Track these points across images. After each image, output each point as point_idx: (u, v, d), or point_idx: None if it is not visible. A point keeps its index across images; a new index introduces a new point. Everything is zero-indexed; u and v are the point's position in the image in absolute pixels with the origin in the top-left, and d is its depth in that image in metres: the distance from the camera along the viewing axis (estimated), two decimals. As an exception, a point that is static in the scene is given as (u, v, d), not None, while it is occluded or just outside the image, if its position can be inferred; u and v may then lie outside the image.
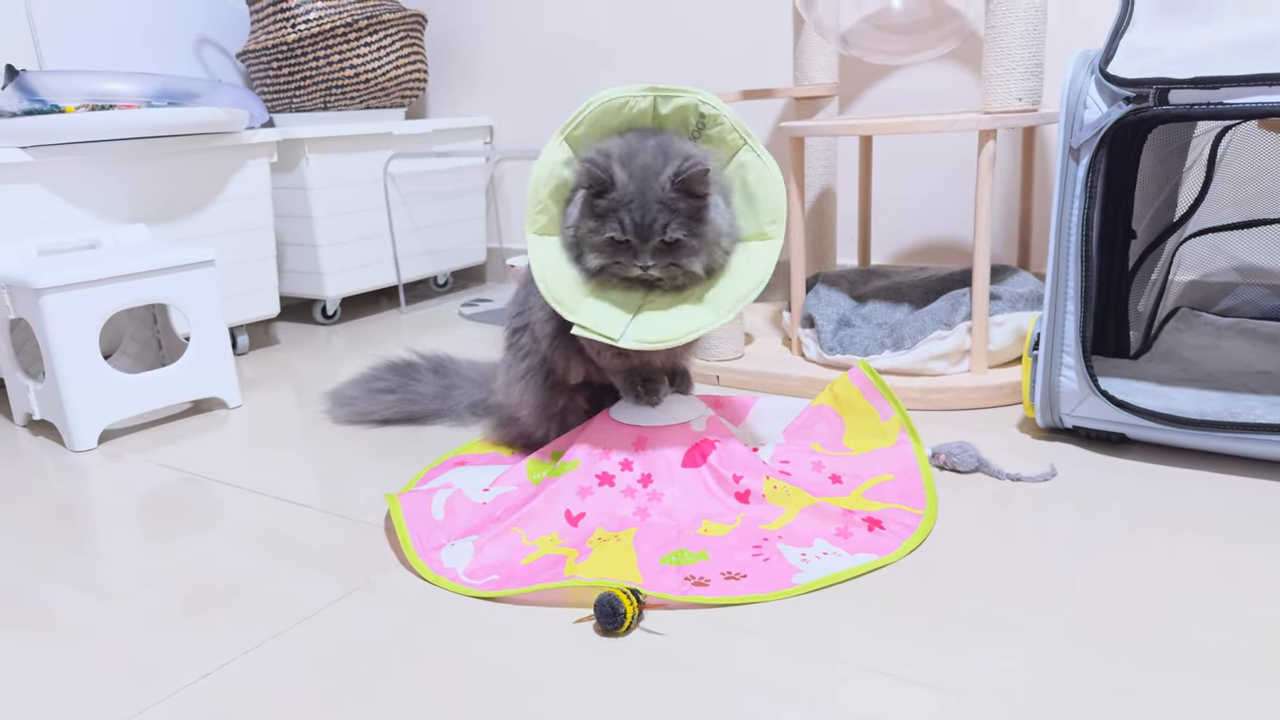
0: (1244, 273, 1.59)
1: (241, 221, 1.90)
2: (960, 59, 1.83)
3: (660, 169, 1.01)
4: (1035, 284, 1.52)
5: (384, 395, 1.44)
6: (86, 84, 1.63)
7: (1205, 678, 0.75)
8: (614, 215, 1.01)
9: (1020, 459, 1.20)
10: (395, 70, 2.24)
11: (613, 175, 1.01)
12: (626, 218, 1.01)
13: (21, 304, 1.44)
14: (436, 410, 1.42)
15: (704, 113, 1.07)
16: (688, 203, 1.02)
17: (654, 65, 2.20)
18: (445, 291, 2.54)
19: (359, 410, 1.45)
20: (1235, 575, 0.90)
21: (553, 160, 1.07)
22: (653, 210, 1.01)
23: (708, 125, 1.07)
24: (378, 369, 1.48)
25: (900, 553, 0.97)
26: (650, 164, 1.02)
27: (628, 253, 1.03)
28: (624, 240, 1.02)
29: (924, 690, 0.75)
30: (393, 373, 1.46)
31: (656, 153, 1.03)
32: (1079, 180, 1.15)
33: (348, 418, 1.47)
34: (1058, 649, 0.80)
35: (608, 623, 0.85)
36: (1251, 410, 1.15)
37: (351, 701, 0.78)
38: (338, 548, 1.06)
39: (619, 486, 1.08)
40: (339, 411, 1.48)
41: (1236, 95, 1.04)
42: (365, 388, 1.46)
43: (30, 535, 1.15)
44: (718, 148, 1.08)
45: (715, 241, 1.04)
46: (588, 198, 1.04)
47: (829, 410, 1.25)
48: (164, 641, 0.89)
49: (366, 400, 1.45)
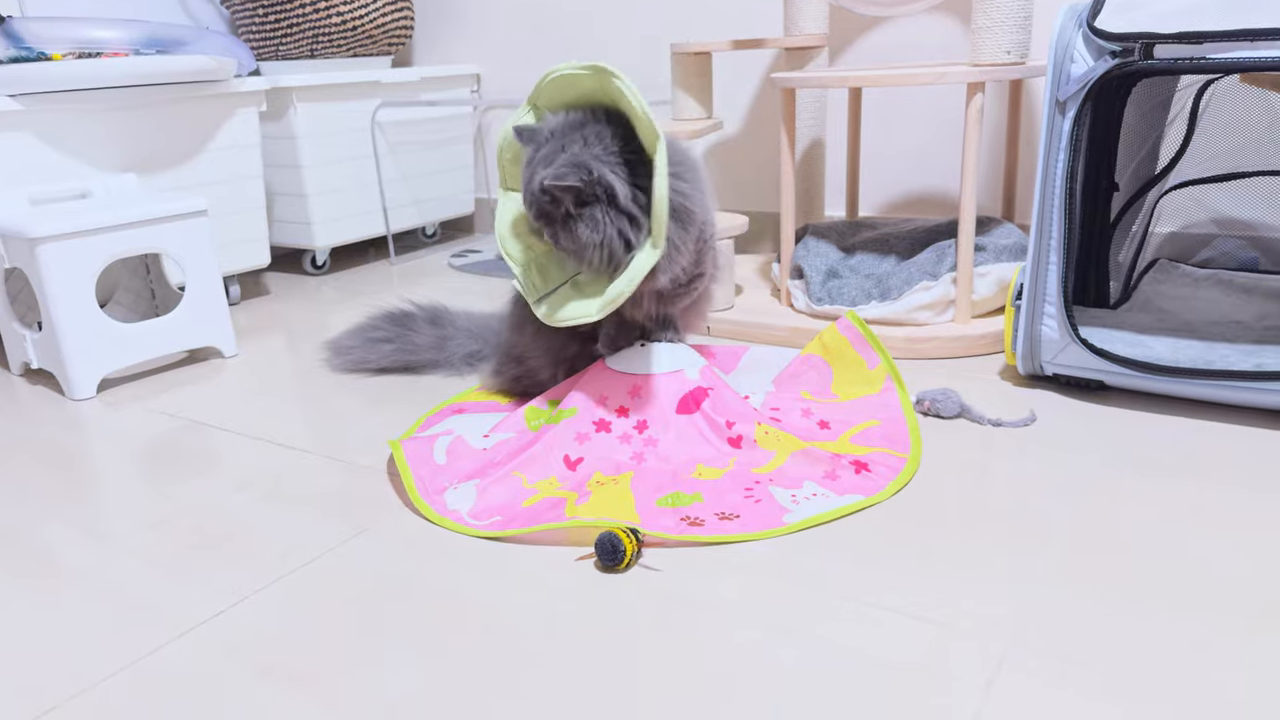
0: (1222, 225, 1.62)
1: (231, 171, 1.89)
2: (949, 10, 1.84)
3: (541, 169, 1.06)
4: (1019, 235, 1.55)
5: (381, 345, 1.46)
6: (74, 31, 1.61)
7: (1177, 613, 0.79)
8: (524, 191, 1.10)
9: (1002, 405, 1.24)
10: (382, 17, 2.22)
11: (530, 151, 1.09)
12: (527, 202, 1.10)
13: (16, 254, 1.44)
14: (433, 360, 1.45)
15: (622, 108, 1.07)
16: (557, 206, 1.07)
17: (643, 14, 2.19)
18: (434, 242, 2.54)
19: (357, 359, 1.48)
20: (1207, 516, 0.94)
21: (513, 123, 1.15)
22: (529, 201, 1.09)
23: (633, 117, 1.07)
24: (375, 319, 1.50)
25: (886, 493, 1.01)
26: (541, 160, 1.07)
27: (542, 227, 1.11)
28: None
29: (910, 621, 0.80)
30: (390, 322, 1.48)
31: (557, 148, 1.07)
32: (1065, 133, 1.17)
33: (346, 366, 1.49)
34: (1038, 585, 0.84)
35: (608, 560, 0.89)
36: (1225, 358, 1.20)
37: (364, 637, 0.82)
38: (340, 492, 1.09)
39: (615, 432, 1.11)
40: (337, 360, 1.50)
41: (1220, 50, 1.07)
42: (363, 337, 1.48)
43: (33, 482, 1.18)
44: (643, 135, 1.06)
45: (585, 248, 1.07)
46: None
47: (818, 359, 1.28)
48: (173, 583, 0.92)
49: (364, 349, 1.47)
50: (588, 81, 1.09)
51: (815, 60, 1.81)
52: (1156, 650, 0.74)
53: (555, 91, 1.13)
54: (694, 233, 1.11)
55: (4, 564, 0.98)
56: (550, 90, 1.13)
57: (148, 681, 0.77)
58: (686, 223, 1.09)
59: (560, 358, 1.25)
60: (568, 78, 1.10)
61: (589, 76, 1.08)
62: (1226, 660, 0.73)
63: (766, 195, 2.15)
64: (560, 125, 1.09)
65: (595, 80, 1.08)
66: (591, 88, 1.10)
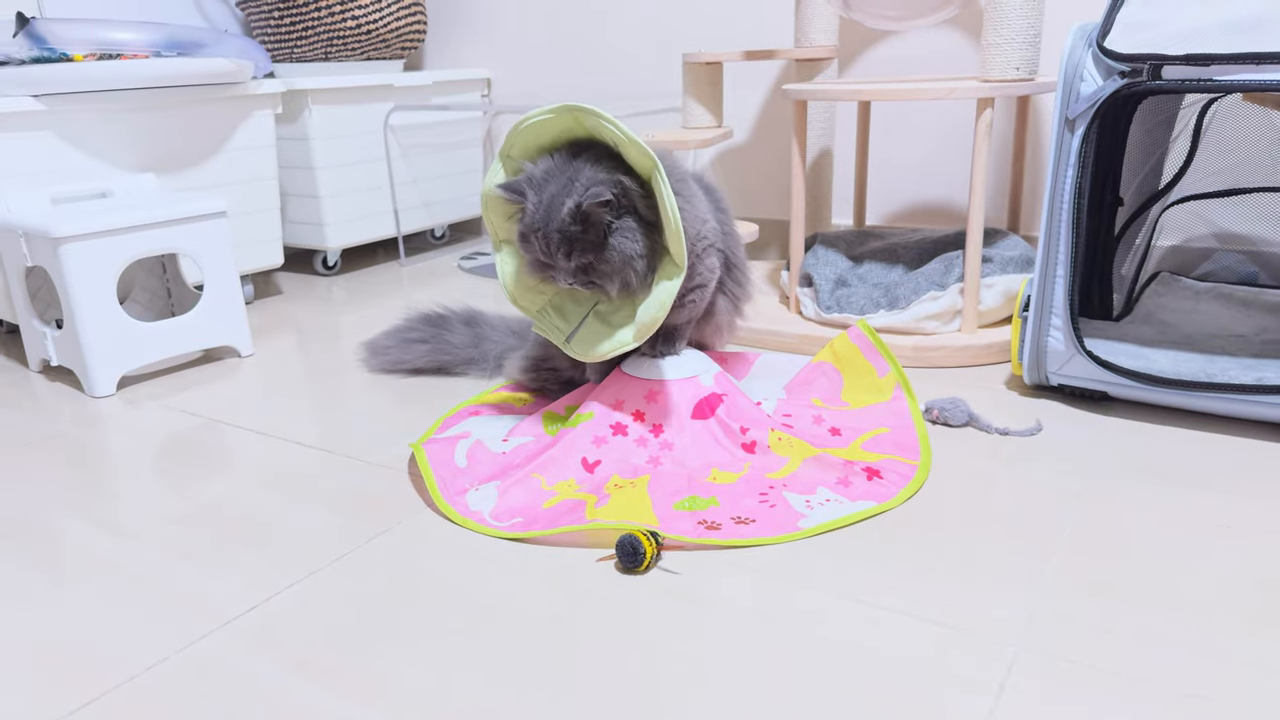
0: (1222, 239, 1.65)
1: (247, 172, 1.92)
2: (956, 24, 1.87)
3: (565, 198, 1.05)
4: (1025, 247, 1.58)
5: (417, 345, 1.49)
6: (95, 33, 1.64)
7: (1178, 617, 0.82)
8: (533, 239, 1.08)
9: (1008, 414, 1.27)
10: (395, 21, 2.25)
11: (526, 201, 1.08)
12: (538, 242, 1.08)
13: (39, 252, 1.47)
14: (468, 359, 1.48)
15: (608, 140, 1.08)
16: (591, 231, 1.06)
17: (655, 21, 2.22)
18: (442, 244, 2.57)
19: (393, 359, 1.51)
20: (1207, 524, 0.97)
21: (492, 183, 1.14)
22: (555, 239, 1.06)
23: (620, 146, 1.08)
24: (411, 320, 1.54)
25: (898, 500, 1.04)
26: (557, 194, 1.06)
27: (550, 269, 1.10)
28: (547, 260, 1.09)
29: (923, 624, 0.82)
30: (425, 324, 1.52)
31: (565, 181, 1.06)
32: (1074, 150, 1.20)
33: (382, 366, 1.53)
34: (1046, 590, 0.87)
35: (628, 561, 0.91)
36: (1226, 371, 1.23)
37: (395, 632, 0.84)
38: (362, 491, 1.12)
39: (632, 436, 1.14)
40: (374, 360, 1.54)
41: (1226, 72, 1.10)
42: (399, 338, 1.52)
43: (58, 478, 1.20)
44: (636, 160, 1.07)
45: (626, 265, 1.08)
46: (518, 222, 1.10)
47: (829, 366, 1.31)
48: (206, 577, 0.95)
49: (400, 350, 1.50)
50: (558, 123, 1.09)
51: (825, 71, 1.84)
52: (1161, 653, 0.77)
53: (530, 138, 1.12)
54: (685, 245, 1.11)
55: (37, 558, 1.00)
56: (524, 139, 1.12)
57: (188, 673, 0.80)
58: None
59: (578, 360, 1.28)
60: (539, 124, 1.09)
61: (557, 118, 1.08)
62: (1229, 661, 0.76)
63: (773, 203, 2.18)
64: (551, 166, 1.09)
65: (566, 120, 1.08)
66: (564, 127, 1.10)
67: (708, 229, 1.18)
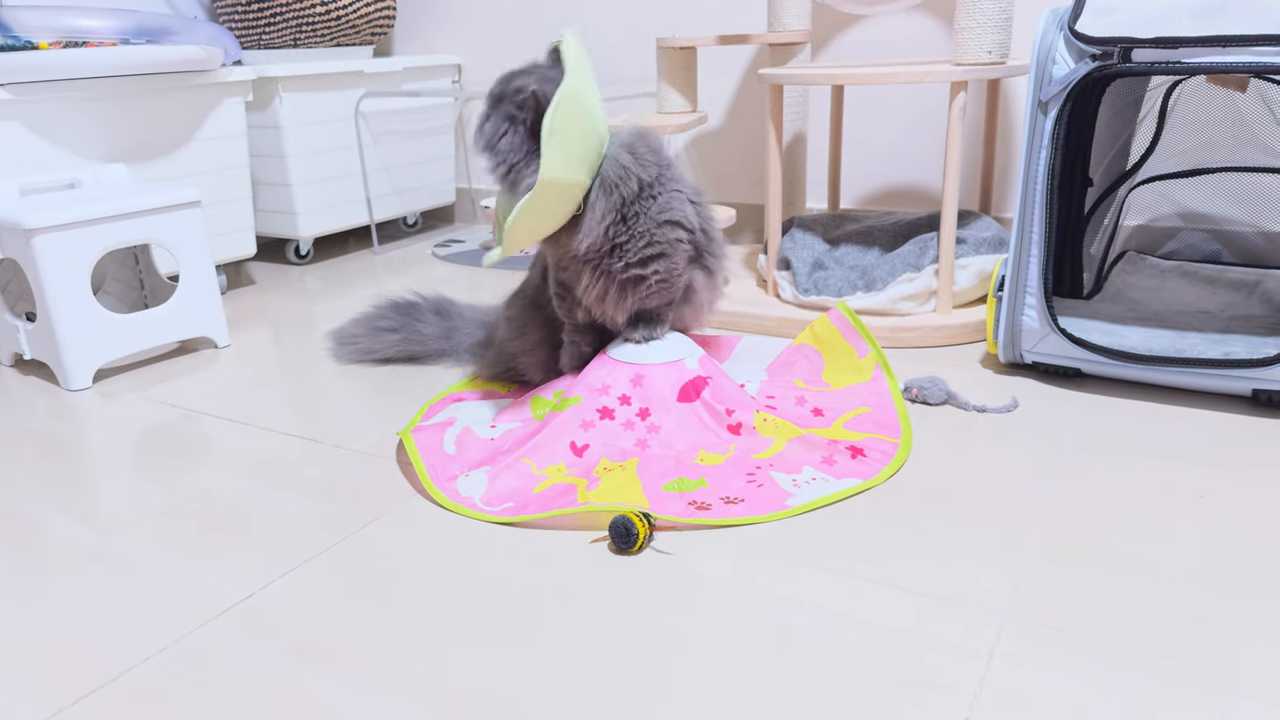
0: (1186, 218, 1.69)
1: (218, 161, 1.90)
2: (926, 8, 1.89)
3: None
4: (997, 229, 1.61)
5: (387, 334, 1.48)
6: (62, 20, 1.61)
7: (1155, 583, 0.85)
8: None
9: (984, 392, 1.30)
10: (365, 7, 2.23)
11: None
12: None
13: (11, 245, 1.44)
14: (439, 350, 1.47)
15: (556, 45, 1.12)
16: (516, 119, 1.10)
17: (627, 5, 2.21)
18: (415, 232, 2.55)
19: (363, 349, 1.50)
20: (1182, 494, 1.01)
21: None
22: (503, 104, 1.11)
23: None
24: (381, 308, 1.52)
25: (882, 477, 1.06)
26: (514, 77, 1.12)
27: None
28: None
29: (910, 595, 0.85)
30: (396, 312, 1.51)
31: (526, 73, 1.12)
32: (1046, 132, 1.23)
33: (352, 356, 1.51)
34: (1028, 560, 0.90)
35: (622, 542, 0.93)
36: (1195, 347, 1.26)
37: (391, 618, 0.85)
38: (349, 479, 1.12)
39: (619, 419, 1.15)
40: (342, 351, 1.52)
41: (1193, 55, 1.13)
42: (369, 326, 1.50)
43: (39, 472, 1.19)
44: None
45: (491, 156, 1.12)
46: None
47: (809, 348, 1.33)
48: (196, 568, 0.95)
49: (370, 339, 1.49)
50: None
51: (798, 55, 1.86)
52: (1140, 617, 0.80)
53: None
54: (614, 204, 1.11)
55: (24, 553, 0.99)
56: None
57: (186, 663, 0.80)
58: (609, 191, 1.11)
59: (550, 367, 1.29)
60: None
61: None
62: (1205, 624, 0.79)
63: (747, 187, 2.19)
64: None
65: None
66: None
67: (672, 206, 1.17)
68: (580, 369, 1.23)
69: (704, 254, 1.28)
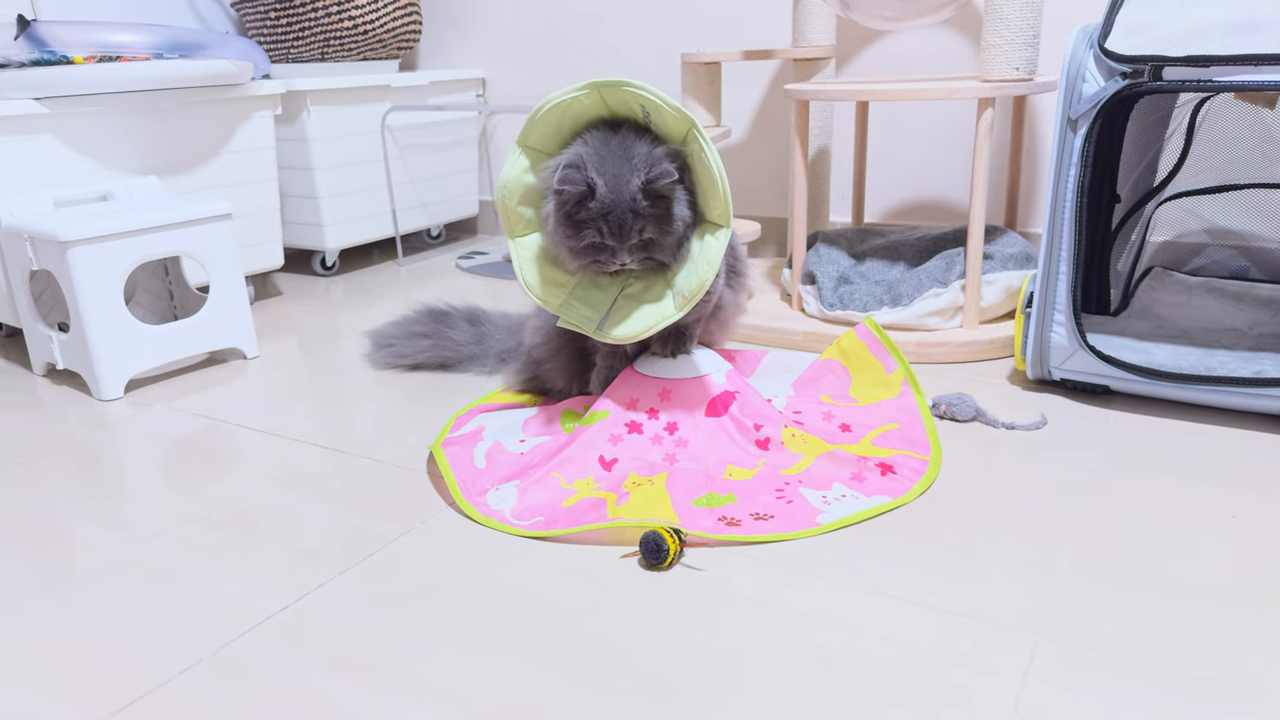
0: (1213, 234, 1.69)
1: (248, 174, 1.92)
2: (951, 24, 1.89)
3: (629, 177, 1.07)
4: (1024, 245, 1.61)
5: (420, 339, 1.51)
6: (96, 35, 1.63)
7: (1189, 604, 0.85)
8: (593, 223, 1.09)
9: (1012, 409, 1.30)
10: (392, 21, 2.25)
11: (594, 186, 1.08)
12: (604, 225, 1.09)
13: (46, 256, 1.46)
14: (470, 356, 1.49)
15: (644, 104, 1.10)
16: (659, 205, 1.09)
17: (651, 21, 2.23)
18: (439, 244, 2.57)
19: (396, 353, 1.52)
20: (1214, 514, 1.00)
21: (516, 170, 1.15)
22: (629, 219, 1.08)
23: (651, 114, 1.10)
24: (417, 313, 1.55)
25: (912, 494, 1.06)
26: (620, 173, 1.08)
27: (607, 253, 1.11)
28: (603, 243, 1.10)
29: (943, 615, 0.85)
30: (430, 318, 1.53)
31: (623, 159, 1.09)
32: (1076, 149, 1.23)
33: (386, 360, 1.54)
34: (1059, 579, 0.89)
35: (652, 558, 0.93)
36: (1225, 365, 1.26)
37: (427, 629, 0.86)
38: (380, 492, 1.13)
39: (647, 434, 1.15)
40: (377, 354, 1.55)
41: (1225, 73, 1.12)
42: (404, 330, 1.53)
43: (73, 481, 1.20)
44: (670, 127, 1.10)
45: (681, 231, 1.12)
46: (567, 209, 1.10)
47: (836, 363, 1.33)
48: (230, 579, 0.96)
49: (404, 343, 1.52)
50: (577, 106, 1.11)
51: (823, 70, 1.86)
52: (1174, 638, 0.80)
53: (549, 125, 1.13)
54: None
55: (60, 562, 1.01)
56: (543, 125, 1.12)
57: (225, 673, 0.81)
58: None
59: (573, 370, 1.30)
60: (560, 107, 1.10)
61: (586, 95, 1.09)
62: (1239, 645, 0.78)
63: (771, 201, 2.20)
64: (597, 147, 1.10)
65: (587, 102, 1.10)
66: (583, 109, 1.11)
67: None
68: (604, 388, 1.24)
69: (729, 269, 1.29)
